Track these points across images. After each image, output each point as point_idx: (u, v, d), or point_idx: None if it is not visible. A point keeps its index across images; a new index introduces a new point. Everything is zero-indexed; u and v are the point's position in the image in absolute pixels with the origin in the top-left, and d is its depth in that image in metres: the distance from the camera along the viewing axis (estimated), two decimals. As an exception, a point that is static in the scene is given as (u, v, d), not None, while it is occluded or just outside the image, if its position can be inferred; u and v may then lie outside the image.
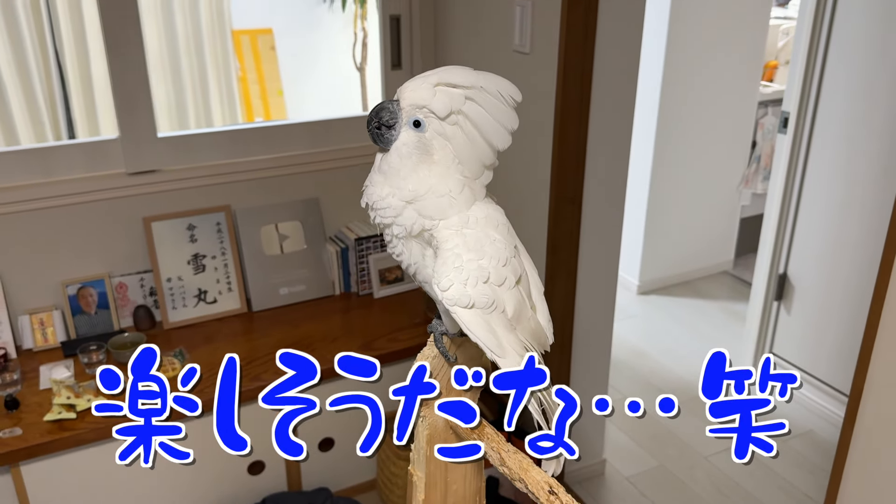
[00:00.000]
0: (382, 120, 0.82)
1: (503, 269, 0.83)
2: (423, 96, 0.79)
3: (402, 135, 0.81)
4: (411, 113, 0.80)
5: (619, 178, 2.21)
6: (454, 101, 0.79)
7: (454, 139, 0.81)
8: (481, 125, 0.80)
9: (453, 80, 0.79)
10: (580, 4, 1.92)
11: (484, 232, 0.83)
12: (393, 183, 0.82)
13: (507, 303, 0.84)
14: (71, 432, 1.76)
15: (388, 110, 0.82)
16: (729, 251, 4.02)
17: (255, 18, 3.72)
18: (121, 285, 2.18)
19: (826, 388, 2.87)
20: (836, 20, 2.59)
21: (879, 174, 2.55)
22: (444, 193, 0.81)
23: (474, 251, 0.81)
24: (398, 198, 0.82)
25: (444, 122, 0.80)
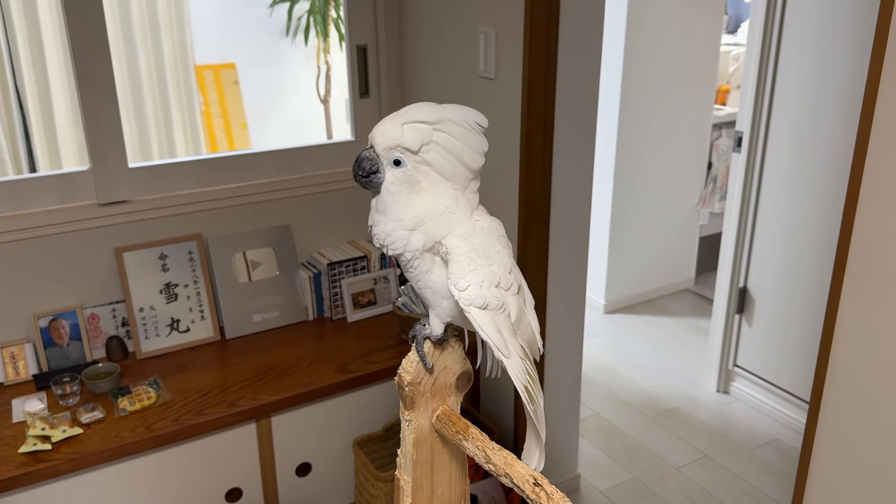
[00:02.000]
0: (365, 168, 0.88)
1: (509, 276, 0.90)
2: (394, 136, 0.85)
3: (387, 175, 0.88)
4: (387, 154, 0.86)
5: (583, 199, 2.29)
6: (423, 134, 0.85)
7: (434, 164, 0.87)
8: (454, 151, 0.87)
9: (419, 118, 0.85)
10: (541, 33, 2.00)
11: (489, 241, 0.89)
12: (393, 217, 0.88)
13: (511, 308, 0.90)
14: (47, 464, 1.75)
15: (368, 159, 0.88)
16: (690, 269, 4.13)
17: (218, 53, 3.76)
18: (93, 316, 2.18)
19: (789, 398, 2.96)
20: (782, 45, 2.73)
21: (830, 188, 2.67)
22: (442, 212, 0.88)
23: (484, 257, 0.88)
24: (402, 228, 0.88)
25: (420, 154, 0.86)
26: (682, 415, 3.02)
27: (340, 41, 3.69)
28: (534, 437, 0.98)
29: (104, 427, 1.87)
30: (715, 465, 2.74)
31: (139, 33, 3.41)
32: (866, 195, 1.37)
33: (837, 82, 2.59)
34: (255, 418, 2.02)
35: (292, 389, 2.05)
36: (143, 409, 1.94)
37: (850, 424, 1.48)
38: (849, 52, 2.54)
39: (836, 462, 1.53)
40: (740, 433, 2.92)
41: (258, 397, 2.01)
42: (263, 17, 3.77)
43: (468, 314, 0.87)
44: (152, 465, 1.91)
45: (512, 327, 0.90)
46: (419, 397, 0.98)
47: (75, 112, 3.25)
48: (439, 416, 1.00)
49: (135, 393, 1.99)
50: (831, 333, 1.48)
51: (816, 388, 1.54)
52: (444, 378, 1.00)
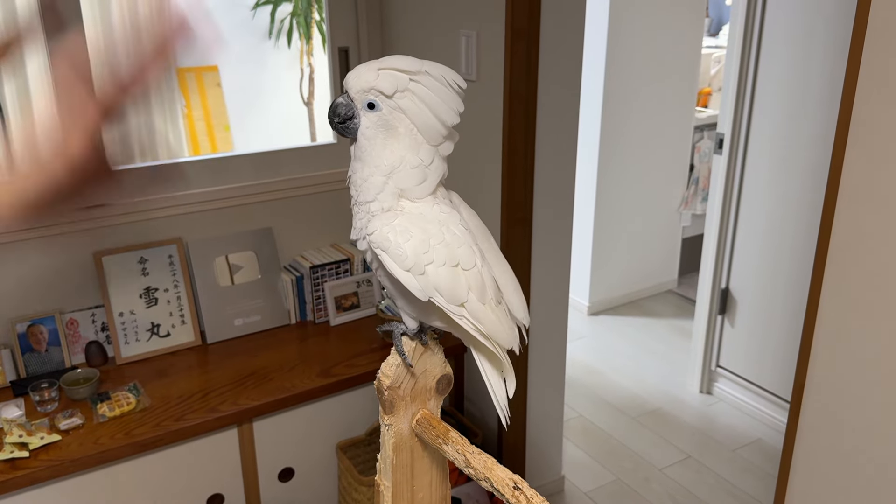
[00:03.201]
0: (340, 114, 0.87)
1: (437, 247, 0.86)
2: (368, 79, 0.84)
3: (362, 120, 0.86)
4: (362, 97, 0.85)
5: (566, 201, 2.29)
6: (399, 81, 0.84)
7: (409, 111, 0.85)
8: (429, 103, 0.85)
9: (396, 66, 0.84)
10: (523, 35, 2.00)
11: (435, 220, 0.87)
12: (370, 163, 0.87)
13: (441, 279, 0.86)
14: (24, 471, 1.72)
15: (343, 104, 0.87)
16: (672, 271, 4.15)
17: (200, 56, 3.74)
18: (72, 321, 2.15)
19: (771, 398, 2.98)
20: (762, 47, 2.75)
21: (810, 189, 2.69)
22: (417, 164, 0.86)
23: (416, 226, 0.86)
24: (379, 174, 0.86)
25: (394, 99, 0.84)
26: (666, 415, 3.03)
27: (324, 43, 3.68)
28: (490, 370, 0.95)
29: (83, 434, 1.85)
30: (698, 465, 2.75)
31: (120, 35, 3.39)
32: (844, 197, 1.38)
33: (817, 84, 2.61)
34: (237, 423, 2.01)
35: (274, 394, 2.03)
36: (123, 415, 1.92)
37: (831, 424, 1.49)
38: (828, 54, 2.57)
39: (817, 461, 1.54)
40: (723, 433, 2.93)
41: (240, 402, 1.99)
42: (246, 19, 3.75)
43: (381, 258, 0.86)
44: (132, 472, 1.89)
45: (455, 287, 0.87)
46: (399, 401, 0.97)
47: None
48: (419, 420, 0.99)
49: (114, 399, 1.97)
50: (811, 334, 1.49)
51: (797, 389, 1.55)
52: (425, 381, 0.99)
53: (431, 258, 0.85)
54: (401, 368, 0.96)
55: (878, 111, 1.30)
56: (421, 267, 0.85)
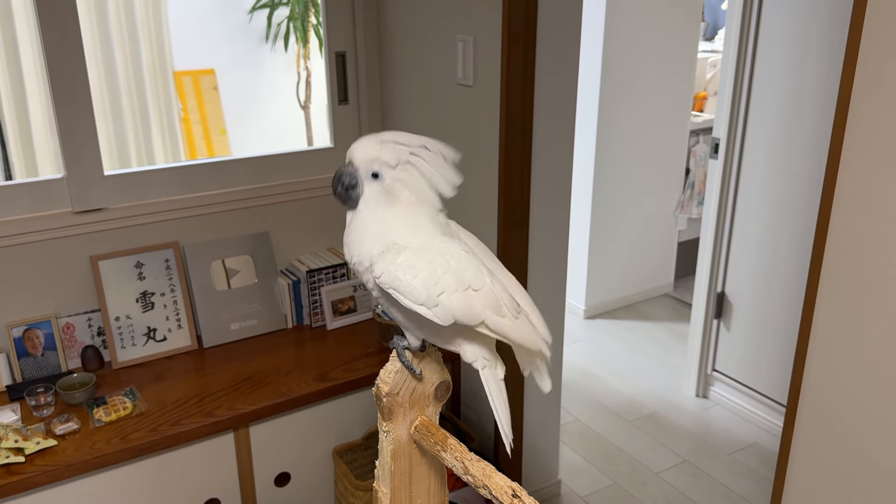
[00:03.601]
0: (345, 183, 0.90)
1: (445, 276, 0.88)
2: (374, 150, 0.89)
3: (366, 189, 0.90)
4: (367, 167, 0.89)
5: (562, 205, 2.29)
6: (400, 153, 0.88)
7: (410, 182, 0.89)
8: (428, 175, 0.90)
9: (398, 140, 0.89)
10: (519, 40, 2.00)
11: (437, 250, 0.89)
12: (369, 234, 0.90)
13: (455, 303, 0.88)
14: (20, 476, 1.72)
15: (348, 173, 0.90)
16: (669, 274, 4.15)
17: (197, 59, 3.74)
18: (68, 326, 2.15)
19: (768, 402, 2.98)
20: (758, 52, 2.76)
21: (805, 194, 2.70)
22: (416, 229, 0.90)
23: (421, 260, 0.88)
24: (378, 245, 0.89)
25: (397, 170, 0.89)
26: (662, 419, 3.03)
27: (320, 47, 3.68)
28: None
29: (79, 438, 1.85)
30: (694, 469, 2.75)
31: (117, 38, 3.38)
32: (840, 201, 1.39)
33: (812, 89, 2.62)
34: (233, 428, 2.00)
35: (271, 398, 2.03)
36: (119, 420, 1.92)
37: (827, 428, 1.49)
38: (824, 58, 2.58)
39: (813, 465, 1.54)
40: (719, 437, 2.94)
41: (236, 406, 1.99)
42: (243, 22, 3.75)
43: (394, 297, 0.89)
44: (128, 477, 1.88)
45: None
46: (397, 408, 0.98)
47: (51, 119, 3.21)
48: (417, 426, 0.99)
49: (110, 403, 1.96)
50: (807, 338, 1.50)
51: (793, 392, 1.55)
52: (423, 388, 0.99)
53: (442, 288, 0.87)
54: (399, 375, 0.97)
55: (874, 115, 1.30)
56: (434, 298, 0.87)
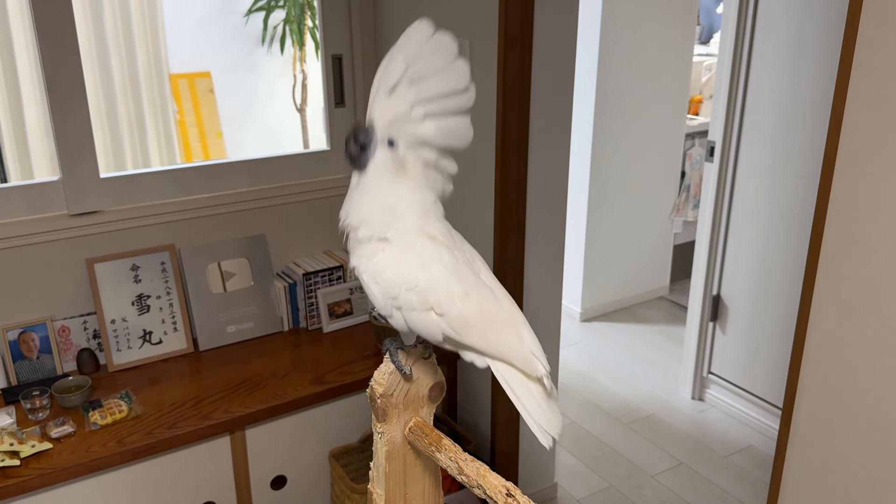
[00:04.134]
0: (359, 140, 0.88)
1: (407, 294, 0.87)
2: (400, 111, 0.86)
3: (377, 153, 0.88)
4: (385, 132, 0.87)
5: (558, 208, 2.30)
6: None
7: (428, 137, 0.87)
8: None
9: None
10: (516, 43, 2.01)
11: (413, 261, 0.88)
12: (373, 196, 0.89)
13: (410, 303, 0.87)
14: (15, 479, 1.71)
15: (365, 131, 0.88)
16: (664, 277, 4.16)
17: (192, 62, 3.74)
18: (63, 328, 2.14)
19: (763, 404, 2.99)
20: (753, 55, 2.77)
21: (801, 196, 2.71)
22: (421, 202, 0.89)
23: (392, 268, 0.88)
24: (380, 210, 0.88)
25: (417, 129, 0.87)
26: (658, 422, 3.04)
27: (317, 50, 3.69)
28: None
29: (75, 441, 1.84)
30: (690, 472, 2.75)
31: (112, 41, 3.39)
32: (835, 204, 1.39)
33: (808, 92, 2.63)
34: (229, 431, 2.00)
35: (267, 401, 2.03)
36: (115, 423, 1.92)
37: (822, 430, 1.50)
38: (819, 62, 2.59)
39: (809, 468, 1.54)
40: (715, 440, 2.94)
41: (232, 409, 1.99)
42: (239, 25, 3.76)
43: (365, 288, 0.89)
44: (124, 480, 1.88)
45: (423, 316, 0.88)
46: (391, 409, 0.98)
47: (46, 122, 3.21)
48: (412, 427, 0.99)
49: (106, 406, 1.96)
50: (803, 340, 1.50)
51: (789, 395, 1.55)
52: (417, 389, 0.99)
53: (400, 304, 0.87)
54: (393, 376, 0.97)
55: (869, 119, 1.31)
56: (389, 309, 0.88)
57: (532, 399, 0.88)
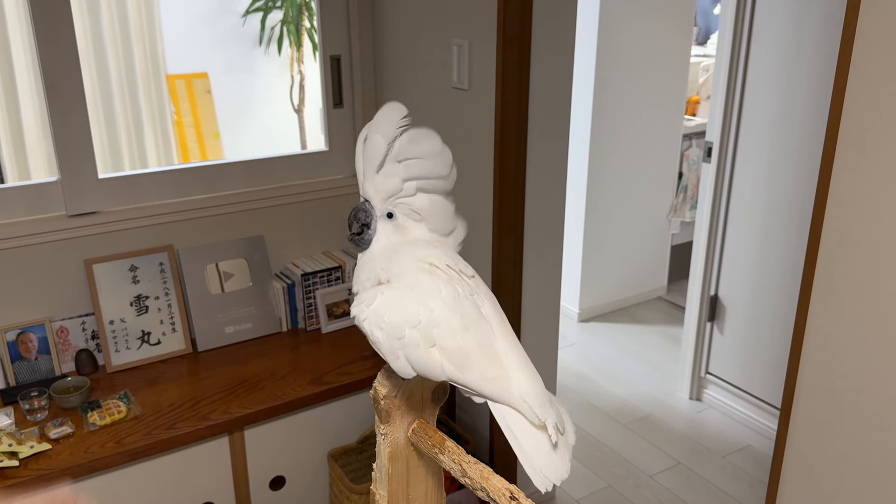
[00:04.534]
0: (360, 219, 0.91)
1: (410, 331, 0.87)
2: (394, 187, 0.88)
3: (379, 228, 0.91)
4: (382, 207, 0.90)
5: (557, 209, 2.30)
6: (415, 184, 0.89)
7: (423, 210, 0.89)
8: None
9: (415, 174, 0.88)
10: (514, 44, 2.01)
11: (413, 299, 0.87)
12: (377, 266, 0.90)
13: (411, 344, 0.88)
14: (13, 480, 1.71)
15: (364, 210, 0.91)
16: (662, 278, 4.17)
17: (190, 63, 3.74)
18: (62, 329, 2.14)
19: (761, 404, 2.99)
20: (751, 56, 2.77)
21: (799, 197, 2.72)
22: (417, 254, 0.89)
23: (394, 309, 0.87)
24: (372, 278, 0.90)
25: (411, 200, 0.89)
26: (656, 422, 3.04)
27: (314, 51, 3.69)
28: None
29: (73, 442, 1.84)
30: (688, 472, 2.76)
31: (110, 42, 3.38)
32: (833, 204, 1.40)
33: (805, 93, 2.64)
34: (228, 432, 2.00)
35: (266, 402, 2.03)
36: (114, 424, 1.91)
37: (820, 430, 1.50)
38: (816, 63, 2.59)
39: (807, 468, 1.55)
40: (713, 440, 2.95)
41: (231, 410, 1.99)
42: (236, 26, 3.75)
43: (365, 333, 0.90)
44: (123, 481, 1.88)
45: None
46: (394, 410, 0.98)
47: (44, 123, 3.21)
48: (415, 429, 1.00)
49: (105, 407, 1.96)
50: (801, 341, 1.51)
51: (787, 395, 1.56)
52: (420, 391, 1.00)
53: (406, 343, 0.87)
54: (397, 378, 0.97)
55: (866, 119, 1.31)
56: (396, 353, 0.88)
57: (532, 443, 0.90)
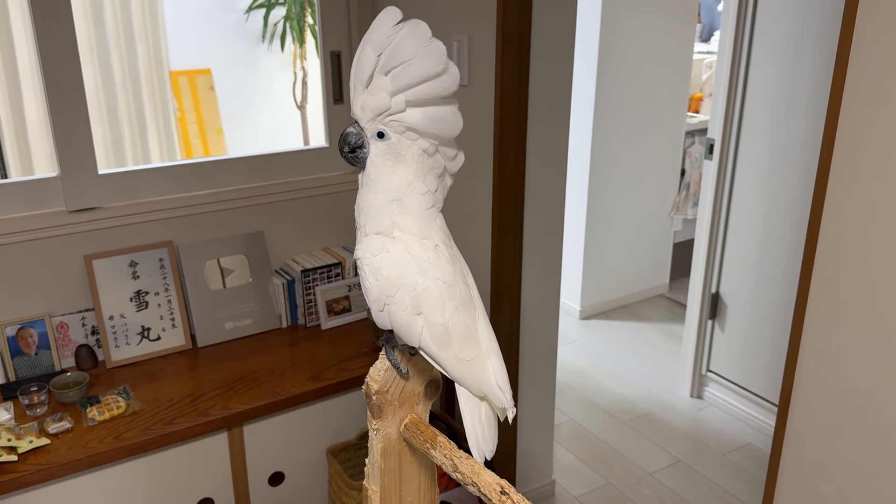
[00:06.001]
0: (350, 143, 0.89)
1: (401, 295, 0.89)
2: (378, 102, 0.86)
3: (371, 148, 0.89)
4: (372, 127, 0.87)
5: (557, 205, 2.30)
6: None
7: (418, 125, 0.86)
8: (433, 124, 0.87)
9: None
10: (514, 40, 2.01)
11: (417, 261, 0.89)
12: (377, 188, 0.89)
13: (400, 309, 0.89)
14: (12, 475, 1.72)
15: (353, 133, 0.89)
16: (664, 275, 4.16)
17: (193, 59, 3.74)
18: (62, 325, 2.15)
19: (761, 402, 2.99)
20: (753, 54, 2.77)
21: (800, 195, 2.71)
22: (424, 191, 0.89)
23: (395, 265, 0.89)
24: (385, 198, 0.89)
25: (402, 116, 0.86)
26: (656, 420, 3.04)
27: (317, 47, 3.69)
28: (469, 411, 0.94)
29: (72, 437, 1.85)
30: (688, 469, 2.76)
31: (113, 38, 3.39)
32: (831, 203, 1.39)
33: (807, 91, 2.63)
34: (227, 427, 2.00)
35: (265, 398, 2.03)
36: (113, 419, 1.92)
37: (818, 428, 1.50)
38: (818, 61, 2.58)
39: (805, 466, 1.54)
40: (713, 438, 2.94)
41: (230, 406, 1.99)
42: (239, 22, 3.75)
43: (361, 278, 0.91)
44: (121, 476, 1.88)
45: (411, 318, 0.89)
46: (387, 406, 0.98)
47: (46, 118, 3.21)
48: (407, 424, 1.00)
49: (104, 402, 1.96)
50: (798, 339, 1.50)
51: (785, 393, 1.56)
52: (413, 386, 1.00)
53: (394, 301, 0.89)
54: (389, 373, 0.97)
55: (864, 118, 1.31)
56: (381, 304, 0.89)
57: (477, 417, 0.94)
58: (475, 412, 0.95)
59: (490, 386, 0.93)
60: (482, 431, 0.94)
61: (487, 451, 0.95)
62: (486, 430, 0.95)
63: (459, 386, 0.94)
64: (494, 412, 0.96)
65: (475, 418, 0.94)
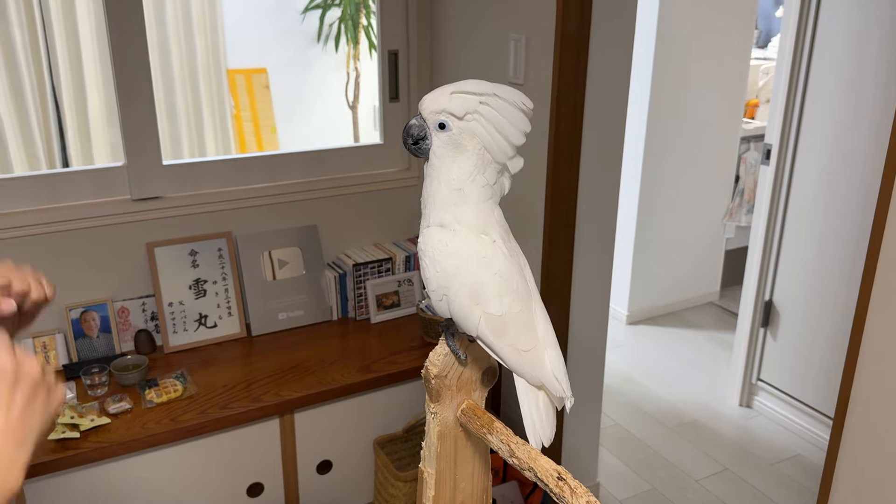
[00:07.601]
0: (413, 134, 0.92)
1: (460, 288, 0.91)
2: (441, 102, 0.89)
3: (433, 140, 0.91)
4: (434, 119, 0.90)
5: (609, 208, 2.29)
6: (469, 103, 0.88)
7: (478, 132, 0.90)
8: (497, 124, 0.89)
9: (467, 88, 0.89)
10: (572, 41, 2.01)
11: (475, 256, 0.92)
12: (439, 178, 0.92)
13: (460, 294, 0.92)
14: (74, 451, 1.78)
15: (415, 125, 0.92)
16: (715, 282, 4.10)
17: (250, 58, 3.82)
18: (123, 309, 2.22)
19: (813, 413, 2.93)
20: (813, 58, 2.72)
21: (859, 203, 2.65)
22: (484, 184, 0.92)
23: (456, 257, 0.92)
24: (446, 188, 0.92)
25: (464, 120, 0.89)
26: (703, 427, 3.00)
27: (370, 48, 3.73)
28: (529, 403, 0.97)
29: (131, 418, 1.91)
30: (735, 478, 2.71)
31: (173, 36, 3.48)
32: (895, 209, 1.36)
33: (868, 97, 2.58)
34: (279, 414, 2.05)
35: (315, 387, 2.07)
36: (170, 402, 1.98)
37: (874, 441, 1.47)
38: (881, 67, 2.53)
39: (859, 479, 1.51)
40: (762, 447, 2.89)
41: (282, 393, 2.04)
42: (295, 23, 3.82)
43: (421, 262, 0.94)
44: (176, 457, 1.94)
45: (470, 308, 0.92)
46: (445, 390, 1.00)
47: (108, 110, 3.32)
48: (464, 409, 1.01)
49: (161, 385, 2.02)
50: (857, 349, 1.47)
51: (841, 405, 1.53)
52: (470, 373, 1.01)
53: (453, 292, 0.92)
54: (448, 358, 0.99)
55: (934, 121, 1.28)
56: (440, 295, 0.93)
57: (534, 405, 0.96)
58: (532, 400, 0.96)
59: (547, 376, 0.94)
60: (539, 419, 0.96)
61: (545, 437, 0.96)
62: (543, 417, 0.96)
63: (517, 375, 0.95)
64: (552, 401, 0.97)
65: (532, 406, 0.96)
